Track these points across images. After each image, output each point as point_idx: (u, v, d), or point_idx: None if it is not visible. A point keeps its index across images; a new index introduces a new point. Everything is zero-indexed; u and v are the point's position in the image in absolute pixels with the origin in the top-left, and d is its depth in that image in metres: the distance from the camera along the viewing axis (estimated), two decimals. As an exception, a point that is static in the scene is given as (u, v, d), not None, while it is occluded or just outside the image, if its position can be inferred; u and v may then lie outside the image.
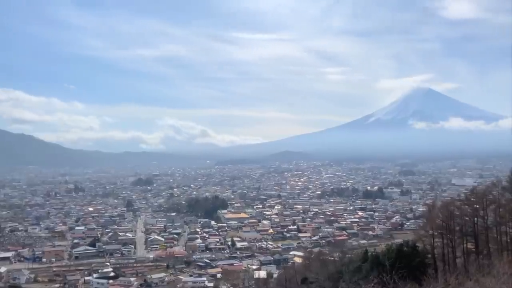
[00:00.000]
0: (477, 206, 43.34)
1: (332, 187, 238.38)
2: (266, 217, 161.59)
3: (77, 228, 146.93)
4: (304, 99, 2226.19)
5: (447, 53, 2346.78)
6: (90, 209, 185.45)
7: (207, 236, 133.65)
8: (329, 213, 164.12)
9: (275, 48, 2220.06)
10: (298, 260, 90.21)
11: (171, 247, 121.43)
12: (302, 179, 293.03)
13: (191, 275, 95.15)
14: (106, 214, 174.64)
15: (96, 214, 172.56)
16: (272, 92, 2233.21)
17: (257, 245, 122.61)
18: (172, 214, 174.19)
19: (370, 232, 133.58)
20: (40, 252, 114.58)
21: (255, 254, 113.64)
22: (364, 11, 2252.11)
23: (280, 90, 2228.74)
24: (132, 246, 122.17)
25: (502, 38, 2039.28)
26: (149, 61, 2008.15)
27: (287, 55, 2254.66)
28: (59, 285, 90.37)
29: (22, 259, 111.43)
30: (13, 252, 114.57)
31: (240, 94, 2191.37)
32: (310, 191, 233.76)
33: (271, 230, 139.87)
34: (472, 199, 45.37)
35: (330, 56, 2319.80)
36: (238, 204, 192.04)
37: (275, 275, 77.72)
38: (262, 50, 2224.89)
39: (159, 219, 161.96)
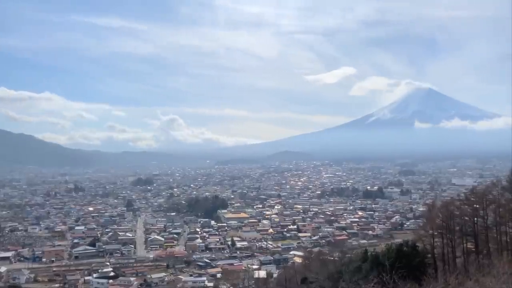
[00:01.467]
0: (477, 206, 43.34)
1: (332, 187, 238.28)
2: (266, 217, 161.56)
3: (77, 228, 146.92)
4: (253, 96, 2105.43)
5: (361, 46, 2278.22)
6: (90, 209, 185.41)
7: (207, 236, 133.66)
8: (329, 213, 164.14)
9: (173, 39, 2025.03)
10: (298, 260, 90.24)
11: (171, 247, 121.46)
12: (302, 179, 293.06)
13: (191, 275, 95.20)
14: (106, 214, 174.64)
15: (96, 214, 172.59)
16: (211, 88, 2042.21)
17: (257, 245, 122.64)
18: (172, 214, 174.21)
19: (370, 232, 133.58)
20: (40, 252, 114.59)
21: (255, 254, 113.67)
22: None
23: (219, 85, 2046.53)
24: (132, 246, 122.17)
25: (417, 27, 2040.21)
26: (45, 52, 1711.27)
27: (198, 49, 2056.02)
28: (59, 285, 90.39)
29: (22, 259, 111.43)
30: (13, 252, 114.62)
31: (173, 89, 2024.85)
32: (310, 191, 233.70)
33: (271, 230, 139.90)
34: (472, 199, 45.36)
35: (243, 50, 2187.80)
36: (238, 204, 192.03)
37: (275, 275, 77.77)
38: (160, 41, 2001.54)
39: (159, 219, 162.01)
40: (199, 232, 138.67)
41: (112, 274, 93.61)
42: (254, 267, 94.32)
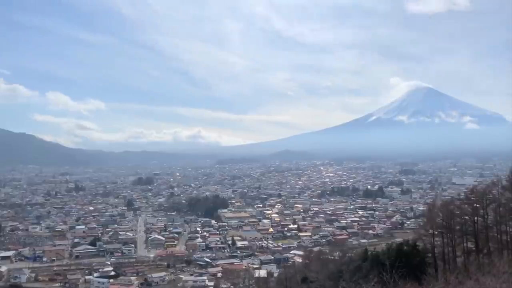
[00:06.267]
0: (477, 205, 43.41)
1: (332, 186, 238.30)
2: (267, 216, 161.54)
3: (77, 227, 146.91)
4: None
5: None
6: (91, 208, 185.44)
7: (207, 235, 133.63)
8: (329, 212, 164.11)
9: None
10: (298, 259, 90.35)
11: (172, 246, 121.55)
12: (302, 178, 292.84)
13: (191, 274, 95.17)
14: (106, 213, 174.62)
15: (97, 213, 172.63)
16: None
17: (258, 244, 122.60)
18: (173, 213, 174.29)
19: (371, 231, 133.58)
20: (41, 251, 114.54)
21: (256, 253, 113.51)
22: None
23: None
24: (133, 245, 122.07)
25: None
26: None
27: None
28: (59, 284, 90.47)
29: (22, 258, 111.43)
30: (14, 251, 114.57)
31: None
32: (311, 190, 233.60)
33: (271, 229, 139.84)
34: (472, 198, 45.41)
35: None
36: (239, 203, 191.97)
37: (275, 274, 77.80)
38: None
39: (160, 218, 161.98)
40: (200, 232, 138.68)
41: (112, 273, 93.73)
42: (255, 266, 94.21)
